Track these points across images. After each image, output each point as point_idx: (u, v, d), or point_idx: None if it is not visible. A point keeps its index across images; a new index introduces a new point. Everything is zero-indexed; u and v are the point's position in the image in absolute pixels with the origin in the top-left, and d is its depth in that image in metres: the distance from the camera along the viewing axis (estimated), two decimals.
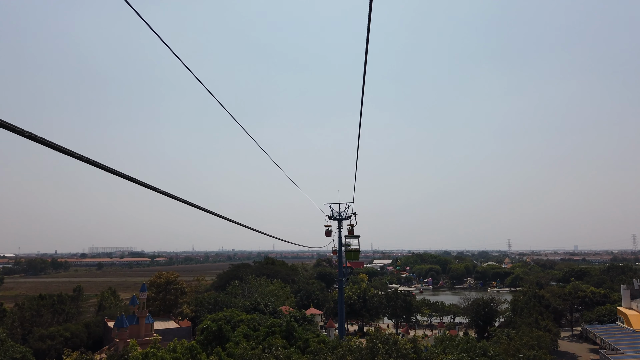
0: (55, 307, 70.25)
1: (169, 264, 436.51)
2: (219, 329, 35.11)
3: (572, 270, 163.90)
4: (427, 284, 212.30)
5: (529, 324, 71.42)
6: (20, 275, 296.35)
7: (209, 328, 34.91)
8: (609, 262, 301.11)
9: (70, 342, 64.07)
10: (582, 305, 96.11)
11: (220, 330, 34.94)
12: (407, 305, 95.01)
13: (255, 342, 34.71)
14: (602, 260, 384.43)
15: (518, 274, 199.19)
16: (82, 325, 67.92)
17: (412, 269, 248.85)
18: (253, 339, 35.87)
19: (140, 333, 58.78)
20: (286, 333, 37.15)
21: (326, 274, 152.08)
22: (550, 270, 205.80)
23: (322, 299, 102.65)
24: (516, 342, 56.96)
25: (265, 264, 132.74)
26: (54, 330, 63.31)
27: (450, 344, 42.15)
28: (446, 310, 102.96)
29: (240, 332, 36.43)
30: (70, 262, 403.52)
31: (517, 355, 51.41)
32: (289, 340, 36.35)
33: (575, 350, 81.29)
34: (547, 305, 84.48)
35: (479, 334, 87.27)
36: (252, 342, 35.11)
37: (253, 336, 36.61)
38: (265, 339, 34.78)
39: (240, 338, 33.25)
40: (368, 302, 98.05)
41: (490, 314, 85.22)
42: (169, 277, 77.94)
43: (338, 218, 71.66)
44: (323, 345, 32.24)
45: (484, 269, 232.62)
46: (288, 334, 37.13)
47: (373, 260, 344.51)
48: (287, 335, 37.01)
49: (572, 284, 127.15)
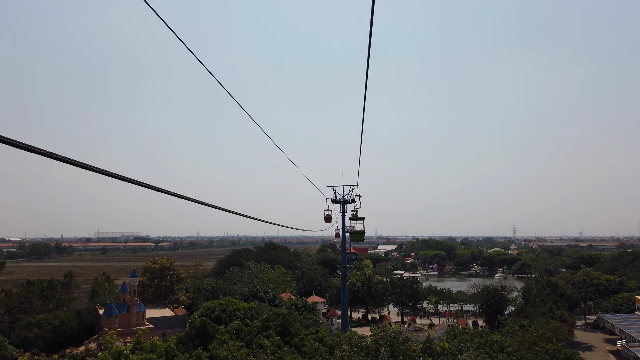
0: (44, 294, 67.04)
1: (173, 249, 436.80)
2: (203, 325, 31.08)
3: (582, 257, 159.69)
4: (432, 270, 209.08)
5: (543, 313, 67.58)
6: (23, 259, 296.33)
7: (192, 324, 30.98)
8: (616, 249, 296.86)
9: (59, 330, 60.98)
10: (597, 294, 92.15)
11: (205, 327, 30.89)
12: (413, 292, 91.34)
13: (249, 337, 30.76)
14: (609, 246, 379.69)
15: (525, 260, 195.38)
16: (72, 312, 64.74)
17: (417, 255, 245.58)
18: (245, 335, 31.89)
19: (131, 322, 55.42)
20: (281, 328, 33.16)
21: (330, 259, 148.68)
22: (558, 257, 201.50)
23: (325, 285, 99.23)
24: (532, 334, 53.11)
25: (267, 249, 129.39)
26: (42, 318, 60.13)
27: (463, 338, 38.29)
28: (453, 297, 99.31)
29: (231, 328, 32.36)
30: (75, 246, 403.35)
31: (534, 349, 47.55)
32: (284, 336, 32.44)
33: (591, 341, 77.50)
34: (561, 294, 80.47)
35: (488, 322, 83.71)
36: (246, 337, 31.12)
37: (245, 332, 32.57)
38: (258, 335, 30.86)
39: (226, 337, 29.24)
40: (373, 289, 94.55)
41: (501, 303, 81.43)
42: (164, 263, 74.47)
43: (342, 201, 67.51)
44: (320, 345, 28.30)
45: (490, 255, 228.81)
46: (284, 330, 33.15)
47: (377, 246, 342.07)
48: (282, 331, 33.03)
49: (583, 271, 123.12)
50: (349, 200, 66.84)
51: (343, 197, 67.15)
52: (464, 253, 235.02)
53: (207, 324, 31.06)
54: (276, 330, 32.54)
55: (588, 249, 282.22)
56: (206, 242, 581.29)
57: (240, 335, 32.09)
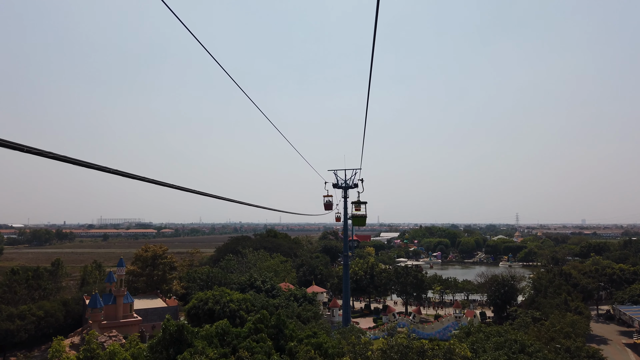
0: (29, 283, 63.35)
1: (175, 236, 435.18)
2: (179, 330, 26.67)
3: (590, 245, 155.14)
4: (436, 258, 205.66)
5: (557, 305, 63.59)
6: (24, 245, 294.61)
7: (166, 329, 26.70)
8: (620, 237, 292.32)
9: (44, 322, 57.51)
10: (610, 283, 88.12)
11: (181, 332, 26.44)
12: (417, 281, 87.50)
13: (236, 341, 26.57)
14: (613, 234, 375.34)
15: (531, 248, 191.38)
16: (58, 303, 61.16)
17: (420, 243, 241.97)
18: (233, 338, 27.55)
19: (117, 314, 51.83)
20: (275, 330, 28.94)
21: (331, 247, 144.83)
22: (565, 245, 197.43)
23: (326, 274, 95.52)
24: (548, 329, 49.14)
25: (267, 236, 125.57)
26: (25, 309, 56.56)
27: (478, 337, 34.34)
28: (459, 287, 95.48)
29: (216, 330, 27.97)
30: (76, 233, 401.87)
31: (553, 345, 43.61)
32: (278, 340, 28.30)
33: (605, 333, 73.72)
34: (574, 284, 76.38)
35: (496, 313, 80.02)
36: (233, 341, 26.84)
37: (232, 334, 28.18)
38: (247, 339, 26.68)
39: (204, 344, 24.99)
40: (376, 278, 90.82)
41: (511, 293, 77.50)
42: (157, 251, 70.62)
43: (344, 186, 63.23)
44: (318, 354, 24.20)
45: (494, 242, 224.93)
46: (278, 332, 28.94)
47: (380, 234, 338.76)
48: (276, 334, 28.87)
49: (593, 259, 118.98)
50: (352, 184, 62.55)
51: (345, 182, 62.87)
52: (468, 241, 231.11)
53: (183, 329, 26.71)
54: (269, 332, 28.27)
55: (593, 237, 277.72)
56: (208, 229, 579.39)
57: (226, 339, 27.83)
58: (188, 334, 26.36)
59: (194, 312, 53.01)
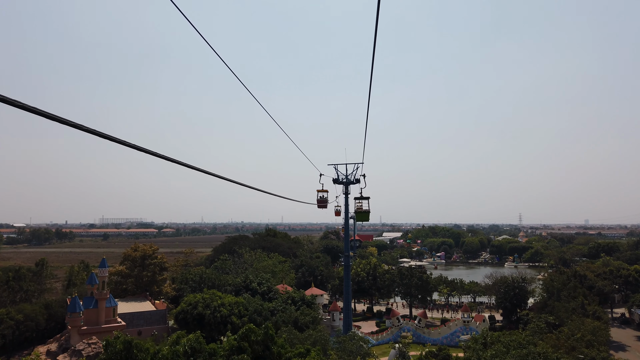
0: (10, 285, 59.52)
1: (175, 235, 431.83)
2: (127, 348, 21.71)
3: (599, 245, 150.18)
4: (439, 259, 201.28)
5: (573, 309, 59.32)
6: (23, 245, 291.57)
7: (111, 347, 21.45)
8: (625, 237, 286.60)
9: (23, 326, 53.69)
10: (625, 286, 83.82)
11: (129, 351, 21.49)
12: (422, 283, 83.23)
13: None
14: (617, 234, 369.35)
15: (537, 248, 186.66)
16: (40, 306, 57.32)
17: (424, 243, 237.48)
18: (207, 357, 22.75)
19: (99, 319, 47.87)
20: (262, 347, 24.40)
21: (333, 247, 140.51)
22: (571, 245, 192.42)
23: (326, 275, 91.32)
24: (568, 336, 44.96)
25: (266, 235, 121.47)
26: (3, 313, 52.73)
27: (497, 348, 30.30)
28: (466, 288, 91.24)
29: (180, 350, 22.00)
30: (76, 232, 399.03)
31: (575, 356, 39.44)
32: (264, 359, 23.84)
33: (622, 339, 69.49)
34: (590, 287, 72.03)
35: (505, 317, 75.80)
36: None
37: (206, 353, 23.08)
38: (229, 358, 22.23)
39: None
40: (379, 279, 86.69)
41: (521, 295, 73.24)
42: (146, 251, 66.66)
43: (345, 182, 59.03)
44: None
45: (499, 242, 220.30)
46: (264, 349, 24.44)
47: (382, 233, 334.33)
48: (263, 350, 24.35)
49: (603, 260, 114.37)
50: (353, 180, 58.33)
51: (346, 177, 58.69)
52: (472, 241, 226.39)
53: (132, 347, 22.00)
54: (254, 349, 23.76)
55: (598, 237, 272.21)
56: (210, 228, 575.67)
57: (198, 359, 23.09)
58: (139, 353, 21.57)
59: (182, 317, 49.10)
